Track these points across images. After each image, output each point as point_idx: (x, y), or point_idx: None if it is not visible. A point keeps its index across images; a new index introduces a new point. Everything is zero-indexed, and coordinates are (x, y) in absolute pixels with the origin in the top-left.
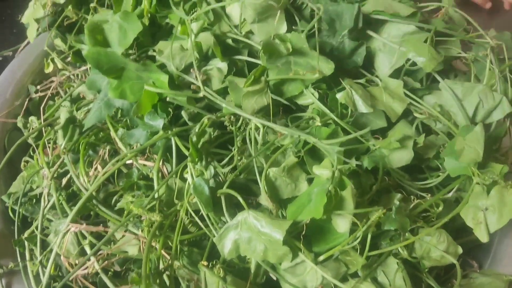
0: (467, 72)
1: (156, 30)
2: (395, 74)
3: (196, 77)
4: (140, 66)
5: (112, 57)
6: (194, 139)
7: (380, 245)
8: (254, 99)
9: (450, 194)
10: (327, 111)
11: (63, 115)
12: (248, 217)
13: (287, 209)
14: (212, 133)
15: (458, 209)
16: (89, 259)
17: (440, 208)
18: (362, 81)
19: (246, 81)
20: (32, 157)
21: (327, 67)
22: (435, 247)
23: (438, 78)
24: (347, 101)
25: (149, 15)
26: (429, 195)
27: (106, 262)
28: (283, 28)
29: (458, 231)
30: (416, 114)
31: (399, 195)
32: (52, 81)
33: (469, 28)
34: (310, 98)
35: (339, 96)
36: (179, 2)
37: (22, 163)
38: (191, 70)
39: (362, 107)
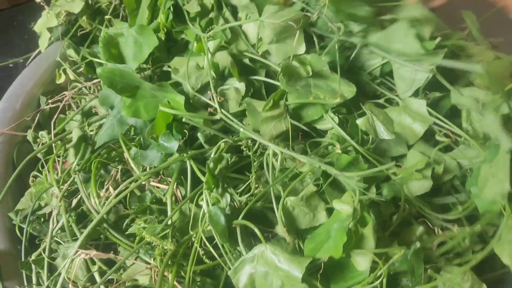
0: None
1: (171, 45)
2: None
3: (212, 98)
4: (156, 86)
5: (126, 76)
6: (211, 165)
7: (401, 281)
8: (273, 124)
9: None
10: (348, 138)
11: (75, 133)
12: (266, 251)
13: (305, 245)
14: (229, 159)
15: (490, 246)
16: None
17: (467, 242)
18: (381, 100)
19: (265, 106)
20: (40, 172)
21: (349, 90)
22: (459, 285)
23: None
24: (367, 128)
25: (165, 29)
26: (455, 225)
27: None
28: (302, 49)
29: (480, 265)
30: (438, 138)
31: (421, 228)
32: (64, 95)
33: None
34: (329, 123)
35: (359, 122)
36: (195, 18)
37: (31, 179)
38: (208, 91)
39: (384, 134)
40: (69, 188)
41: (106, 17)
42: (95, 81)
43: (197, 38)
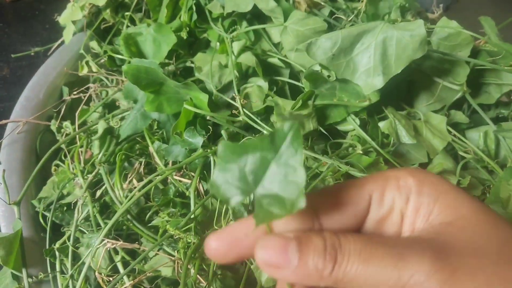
0: (511, 104)
1: (193, 41)
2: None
3: (236, 99)
4: (180, 84)
5: (151, 73)
6: None
7: None
8: (300, 124)
9: None
10: (369, 139)
11: (101, 126)
12: None
13: None
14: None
15: None
16: (122, 277)
17: None
18: (403, 113)
19: (293, 105)
20: (62, 161)
21: (373, 95)
22: None
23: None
24: (390, 131)
25: (187, 29)
26: None
27: (137, 279)
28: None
29: None
30: (461, 153)
31: None
32: (89, 87)
33: None
34: (351, 124)
35: (381, 125)
36: (217, 18)
37: (53, 167)
38: (230, 90)
39: (406, 138)
40: (92, 179)
41: (126, 13)
42: (118, 76)
43: (219, 39)
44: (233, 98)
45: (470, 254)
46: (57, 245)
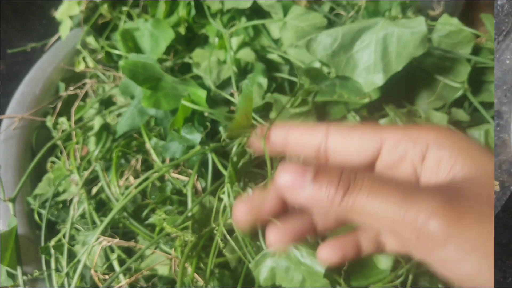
0: None
1: (191, 36)
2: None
3: (234, 94)
4: (178, 80)
5: (149, 68)
6: (235, 159)
7: (418, 281)
8: (299, 121)
9: None
10: None
11: (97, 122)
12: None
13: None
14: (252, 154)
15: None
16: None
17: None
18: (404, 111)
19: (293, 102)
20: (58, 158)
21: (374, 91)
22: None
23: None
24: None
25: (186, 24)
26: None
27: (134, 277)
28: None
29: None
30: None
31: None
32: (86, 83)
33: None
34: (351, 122)
35: (382, 122)
36: (216, 13)
37: (49, 164)
38: (229, 86)
39: None
40: (88, 175)
41: (124, 9)
42: (115, 72)
43: (218, 34)
44: (232, 94)
45: (483, 204)
46: (53, 242)
